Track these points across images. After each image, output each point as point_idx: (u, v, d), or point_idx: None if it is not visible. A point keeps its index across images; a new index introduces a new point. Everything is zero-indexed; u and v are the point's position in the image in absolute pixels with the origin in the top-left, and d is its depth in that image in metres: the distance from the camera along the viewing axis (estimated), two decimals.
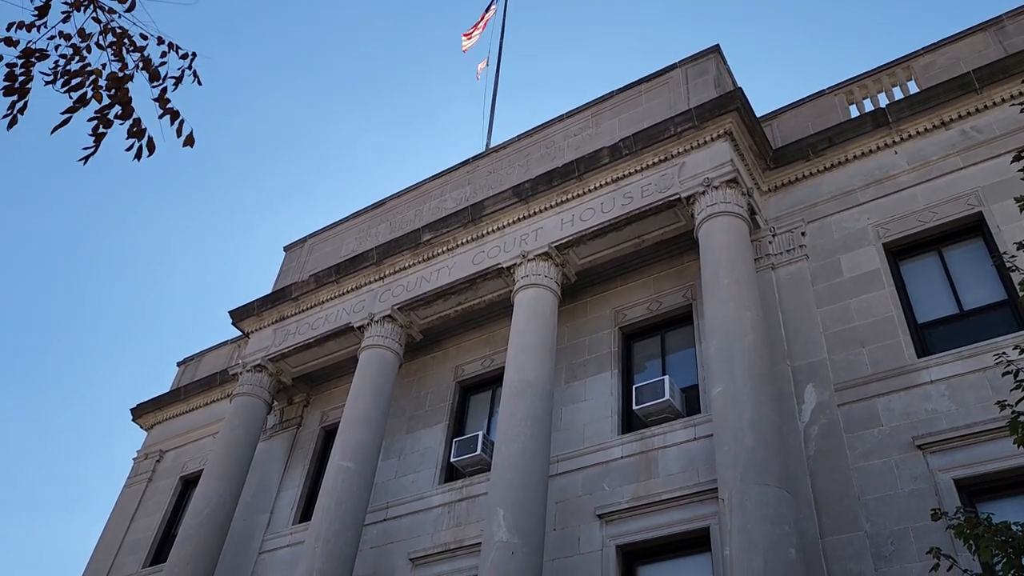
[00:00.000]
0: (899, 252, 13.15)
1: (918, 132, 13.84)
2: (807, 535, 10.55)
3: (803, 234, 13.96)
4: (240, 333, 20.02)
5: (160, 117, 4.64)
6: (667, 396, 13.02)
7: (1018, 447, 6.72)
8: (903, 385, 11.34)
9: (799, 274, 13.52)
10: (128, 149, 4.58)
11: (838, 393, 11.79)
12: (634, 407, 13.34)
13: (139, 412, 22.47)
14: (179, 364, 23.75)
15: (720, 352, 11.63)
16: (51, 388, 73.94)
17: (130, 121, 4.56)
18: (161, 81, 4.58)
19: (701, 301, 13.76)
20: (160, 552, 18.74)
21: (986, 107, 13.41)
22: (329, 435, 18.13)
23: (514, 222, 16.03)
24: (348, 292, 17.88)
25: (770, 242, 14.15)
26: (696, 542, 11.80)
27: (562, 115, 17.59)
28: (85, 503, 71.79)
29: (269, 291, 19.85)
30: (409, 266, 17.16)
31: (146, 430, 22.38)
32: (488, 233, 16.29)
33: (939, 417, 10.81)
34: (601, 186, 15.19)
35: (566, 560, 12.52)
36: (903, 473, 10.61)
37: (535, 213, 15.83)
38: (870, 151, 14.19)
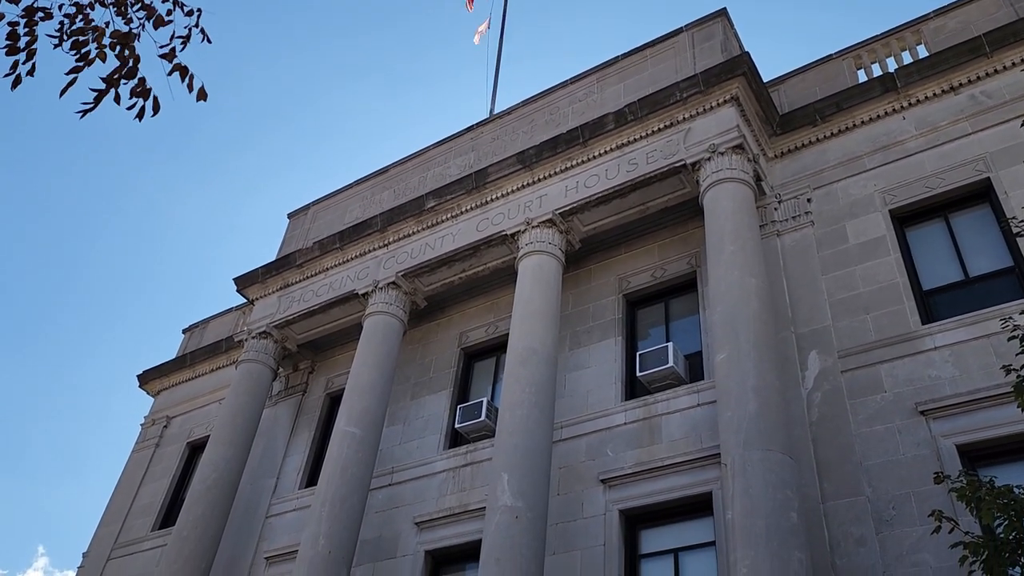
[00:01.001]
0: (905, 219, 13.08)
1: (927, 97, 13.70)
2: (809, 499, 10.63)
3: (809, 200, 13.89)
4: (245, 300, 20.06)
5: (169, 74, 4.55)
6: (671, 363, 13.06)
7: (1022, 411, 6.73)
8: (907, 352, 11.35)
9: (804, 241, 13.48)
10: (130, 107, 4.51)
11: (841, 360, 11.82)
12: (638, 374, 13.39)
13: (145, 379, 22.62)
14: (184, 331, 23.86)
15: (724, 319, 11.63)
16: (54, 355, 74.40)
17: (135, 81, 4.48)
18: (170, 41, 4.47)
19: (705, 268, 13.74)
20: (169, 516, 18.98)
21: (996, 71, 13.25)
22: (334, 401, 18.24)
23: (518, 189, 15.96)
24: (352, 259, 17.88)
25: (775, 208, 14.09)
26: (698, 506, 11.91)
27: (567, 81, 17.43)
28: (88, 469, 72.59)
29: (273, 258, 19.87)
30: (413, 233, 17.13)
31: (153, 396, 22.55)
32: (492, 200, 16.23)
33: (942, 383, 10.84)
34: (606, 152, 15.09)
35: (569, 524, 12.66)
36: (905, 439, 10.66)
37: (539, 180, 15.76)
38: (878, 116, 14.05)
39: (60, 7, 4.44)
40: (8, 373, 70.59)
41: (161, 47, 4.45)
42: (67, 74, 4.31)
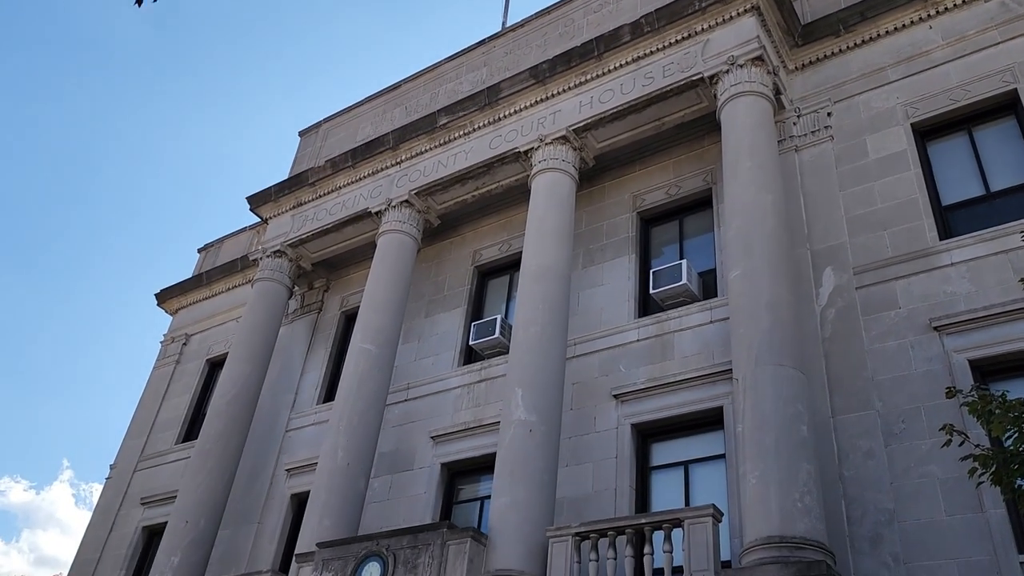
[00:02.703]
0: (927, 132, 12.78)
1: (955, 5, 13.18)
2: (819, 414, 10.76)
3: (829, 114, 13.57)
4: (259, 219, 20.07)
5: None
6: (684, 280, 13.05)
7: None
8: (923, 268, 11.28)
9: (823, 156, 13.24)
10: None
11: (857, 276, 11.76)
12: (651, 291, 13.41)
13: (163, 297, 22.86)
14: (200, 250, 23.97)
15: (739, 236, 11.55)
16: (72, 275, 75.31)
17: None
18: None
19: (721, 185, 13.55)
20: (191, 429, 19.46)
21: None
22: (349, 319, 18.42)
23: (531, 105, 15.67)
24: (365, 177, 17.76)
25: (794, 123, 13.78)
26: (709, 421, 12.09)
27: None
28: (105, 386, 74.34)
29: (286, 177, 19.77)
30: (426, 151, 16.94)
31: (171, 315, 22.83)
32: (505, 116, 15.97)
33: (957, 299, 10.80)
34: (621, 66, 14.73)
35: (582, 438, 12.90)
36: (918, 354, 10.70)
37: (553, 95, 15.45)
38: (903, 26, 13.57)
39: None
40: (29, 296, 71.63)
41: None
42: None
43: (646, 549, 9.78)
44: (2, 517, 66.78)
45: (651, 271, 13.64)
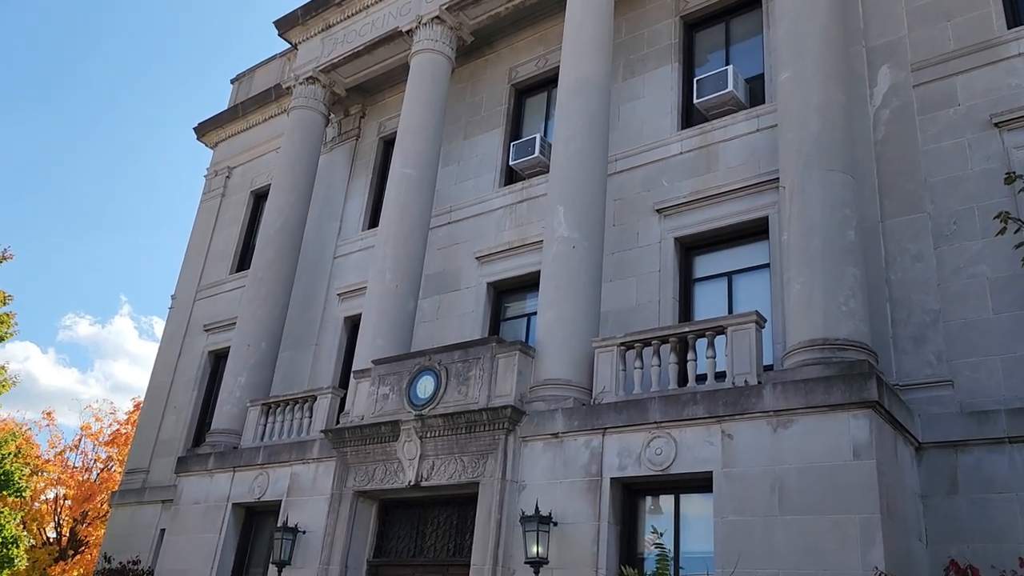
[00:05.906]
0: None
1: None
2: (868, 219, 10.57)
3: None
4: (288, 45, 19.51)
5: None
6: (730, 87, 12.52)
7: None
8: (987, 60, 10.61)
9: None
10: None
11: (915, 73, 11.14)
12: (695, 100, 12.93)
13: (202, 131, 22.80)
14: (233, 81, 23.58)
15: (790, 34, 10.90)
16: (112, 115, 75.43)
17: None
18: None
19: None
20: (243, 260, 20.00)
21: None
22: (388, 145, 18.25)
23: None
24: None
25: None
26: (753, 231, 11.99)
27: None
28: (148, 222, 76.32)
29: None
30: None
31: (211, 148, 22.85)
32: None
33: (1022, 92, 10.20)
34: None
35: (625, 253, 12.96)
36: (975, 153, 10.29)
37: None
38: None
39: None
40: (74, 137, 72.32)
41: None
42: None
43: (689, 356, 10.02)
44: (74, 350, 71.18)
45: (695, 79, 13.07)
